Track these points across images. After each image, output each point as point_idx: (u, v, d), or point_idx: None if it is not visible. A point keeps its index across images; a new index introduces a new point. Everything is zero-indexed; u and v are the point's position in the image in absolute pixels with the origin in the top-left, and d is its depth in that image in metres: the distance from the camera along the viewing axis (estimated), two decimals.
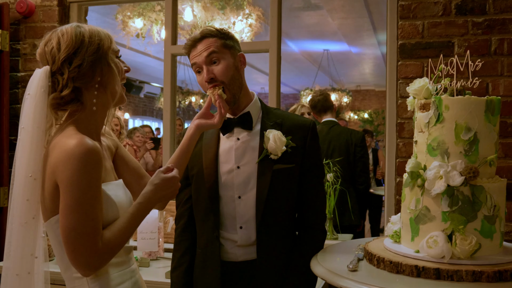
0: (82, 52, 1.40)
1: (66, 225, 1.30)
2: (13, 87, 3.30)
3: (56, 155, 1.34)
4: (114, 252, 1.36)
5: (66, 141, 1.34)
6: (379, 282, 1.43)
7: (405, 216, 1.65)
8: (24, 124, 1.40)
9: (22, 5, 3.21)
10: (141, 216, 1.44)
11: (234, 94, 1.79)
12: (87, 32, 1.42)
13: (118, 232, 1.37)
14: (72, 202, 1.30)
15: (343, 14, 7.11)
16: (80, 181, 1.30)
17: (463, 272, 1.43)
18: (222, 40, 1.78)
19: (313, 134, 1.87)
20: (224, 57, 1.76)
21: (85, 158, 1.31)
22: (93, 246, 1.30)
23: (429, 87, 1.63)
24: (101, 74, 1.43)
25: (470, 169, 1.51)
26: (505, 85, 2.53)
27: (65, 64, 1.39)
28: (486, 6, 2.56)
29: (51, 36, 1.44)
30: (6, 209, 3.13)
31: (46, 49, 1.42)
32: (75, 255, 1.31)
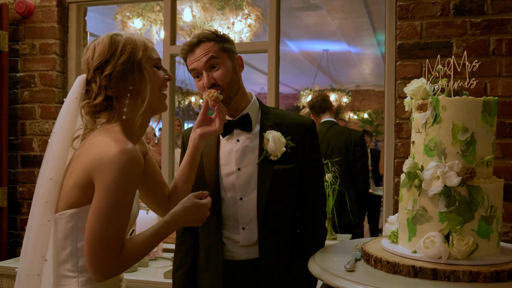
0: (114, 61, 1.42)
1: (94, 227, 1.30)
2: (12, 88, 3.31)
3: (99, 153, 1.34)
4: (131, 263, 1.37)
5: (111, 143, 1.35)
6: (376, 283, 1.44)
7: (402, 217, 1.65)
8: (56, 129, 1.45)
9: (21, 6, 3.22)
10: (165, 234, 1.45)
11: (230, 96, 1.79)
12: (121, 41, 1.44)
13: (139, 245, 1.38)
14: (105, 206, 1.30)
15: (343, 14, 7.11)
16: (119, 188, 1.31)
17: (460, 273, 1.44)
18: (220, 43, 1.77)
19: (312, 133, 1.88)
20: (223, 62, 1.76)
21: (129, 166, 1.32)
22: (114, 253, 1.31)
23: (427, 87, 1.63)
24: (133, 83, 1.45)
25: (467, 169, 1.51)
26: (503, 85, 2.53)
27: (97, 73, 1.43)
28: (484, 7, 2.57)
29: (90, 45, 1.47)
30: (5, 209, 3.15)
31: (84, 58, 1.47)
32: (94, 258, 1.31)
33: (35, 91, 3.29)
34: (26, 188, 3.30)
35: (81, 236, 1.37)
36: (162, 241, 1.47)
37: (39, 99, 3.28)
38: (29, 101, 3.30)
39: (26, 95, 3.30)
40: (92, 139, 1.42)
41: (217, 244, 1.83)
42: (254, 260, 1.82)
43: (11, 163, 3.30)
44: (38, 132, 3.29)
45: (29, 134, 3.31)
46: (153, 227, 1.44)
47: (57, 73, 3.28)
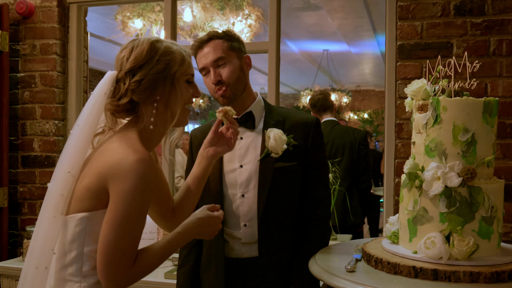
0: (147, 69, 1.41)
1: (108, 237, 1.29)
2: (13, 88, 3.31)
3: (116, 160, 1.32)
4: (144, 275, 1.35)
5: (129, 151, 1.33)
6: (376, 283, 1.44)
7: (403, 217, 1.66)
8: (79, 121, 1.42)
9: (21, 6, 3.22)
10: (177, 245, 1.43)
11: (236, 93, 1.83)
12: (161, 50, 1.43)
13: (153, 256, 1.37)
14: (121, 217, 1.29)
15: (343, 14, 7.11)
16: (136, 199, 1.29)
17: (461, 273, 1.44)
18: (229, 42, 1.82)
19: (316, 131, 1.88)
20: (230, 60, 1.81)
21: (146, 177, 1.30)
22: (127, 264, 1.30)
23: (427, 88, 1.64)
24: (163, 94, 1.43)
25: (468, 170, 1.51)
26: (504, 86, 2.54)
27: (128, 75, 1.41)
28: (485, 7, 2.57)
29: (129, 44, 1.45)
30: (6, 209, 3.16)
31: (119, 55, 1.45)
32: (107, 268, 1.29)
33: (35, 92, 3.29)
34: (26, 188, 3.30)
35: (88, 241, 1.35)
36: (174, 251, 1.45)
37: (40, 99, 3.28)
38: (30, 101, 3.30)
39: (27, 96, 3.30)
40: (108, 145, 1.39)
41: (219, 241, 1.84)
42: (256, 259, 1.83)
43: (11, 163, 3.30)
44: (38, 133, 3.29)
45: (29, 135, 3.31)
46: (165, 238, 1.42)
47: (57, 74, 3.28)
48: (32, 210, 3.30)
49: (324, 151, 1.94)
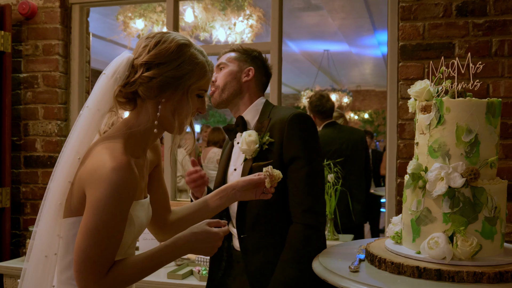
0: (164, 69, 1.34)
1: (80, 245, 1.24)
2: (15, 88, 3.32)
3: (93, 165, 1.28)
4: (121, 286, 1.29)
5: (107, 157, 1.26)
6: (380, 283, 1.44)
7: (406, 217, 1.66)
8: (90, 103, 1.35)
9: (24, 7, 3.23)
10: (164, 258, 1.33)
11: (224, 98, 1.95)
12: (186, 56, 1.36)
13: (130, 268, 1.29)
14: (91, 226, 1.23)
15: (344, 15, 7.12)
16: (106, 208, 1.23)
17: (464, 273, 1.44)
18: (238, 53, 1.99)
19: (291, 125, 1.84)
20: (229, 66, 1.96)
21: (119, 186, 1.24)
22: (98, 274, 1.24)
23: (430, 89, 1.64)
24: (169, 98, 1.36)
25: (471, 170, 1.52)
26: (506, 86, 2.54)
27: (143, 67, 1.34)
28: (486, 8, 2.57)
29: (157, 34, 1.38)
30: (8, 209, 3.16)
31: (142, 42, 1.37)
32: (79, 276, 1.25)
33: (38, 92, 3.30)
34: (29, 188, 3.31)
35: None
36: (161, 267, 1.35)
37: (42, 99, 3.29)
38: (32, 101, 3.31)
39: (29, 96, 3.31)
40: (92, 148, 1.34)
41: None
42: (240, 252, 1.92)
43: (14, 163, 3.31)
44: (41, 133, 3.29)
45: (32, 135, 3.32)
46: (150, 250, 1.34)
47: (60, 74, 3.29)
48: (35, 210, 3.31)
49: (305, 145, 1.85)
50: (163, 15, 4.75)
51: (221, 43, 5.40)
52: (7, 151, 3.19)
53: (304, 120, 1.88)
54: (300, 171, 1.83)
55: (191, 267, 2.70)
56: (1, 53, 3.15)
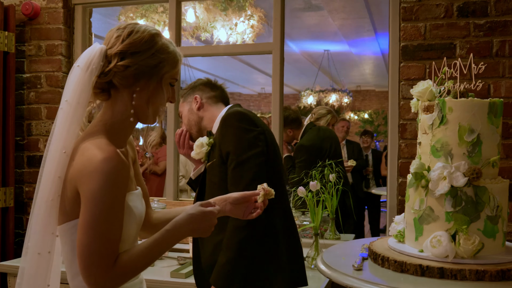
0: (138, 58, 1.36)
1: (82, 241, 1.25)
2: (18, 88, 3.33)
3: (82, 162, 1.28)
4: (128, 276, 1.30)
5: (95, 150, 1.28)
6: (384, 281, 1.46)
7: (409, 216, 1.68)
8: (68, 97, 1.33)
9: (27, 7, 3.24)
10: (166, 244, 1.35)
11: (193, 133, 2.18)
12: (158, 45, 1.39)
13: (136, 257, 1.30)
14: (90, 219, 1.24)
15: (344, 15, 7.13)
16: (103, 199, 1.24)
17: (467, 271, 1.46)
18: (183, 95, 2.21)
19: (223, 124, 1.99)
20: (182, 109, 2.21)
21: (112, 175, 1.25)
22: (106, 267, 1.25)
23: (433, 89, 1.66)
24: (143, 87, 1.38)
25: (474, 170, 1.54)
26: (507, 86, 2.56)
27: (117, 56, 1.35)
28: (487, 8, 2.59)
29: (129, 25, 1.39)
30: (12, 209, 3.18)
31: (116, 33, 1.37)
32: (86, 272, 1.25)
33: (41, 92, 3.31)
34: (32, 188, 3.32)
35: None
36: (164, 252, 1.37)
37: (45, 99, 3.31)
38: (35, 101, 3.32)
39: (32, 96, 3.33)
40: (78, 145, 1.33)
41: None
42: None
43: (17, 163, 3.32)
44: (44, 133, 3.31)
45: (35, 135, 3.33)
46: (152, 236, 1.35)
47: (63, 74, 3.30)
48: None
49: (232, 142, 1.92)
50: (164, 16, 4.76)
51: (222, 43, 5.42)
52: (10, 151, 3.21)
53: (234, 117, 1.97)
54: (230, 165, 1.92)
55: None
56: (5, 54, 3.17)
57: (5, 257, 3.16)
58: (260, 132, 1.96)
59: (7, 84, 3.19)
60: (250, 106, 15.81)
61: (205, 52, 3.94)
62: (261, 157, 1.92)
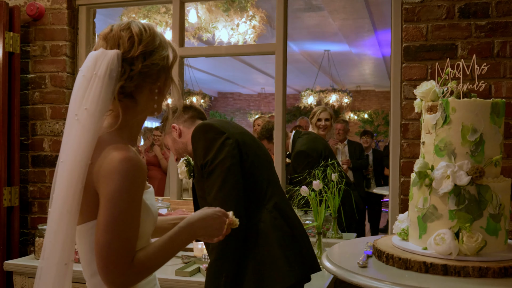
0: (158, 54, 1.37)
1: (101, 240, 1.26)
2: (23, 89, 3.36)
3: (100, 163, 1.29)
4: (145, 274, 1.32)
5: (112, 152, 1.29)
6: (389, 278, 1.49)
7: (413, 215, 1.71)
8: (88, 105, 1.30)
9: (32, 8, 3.27)
10: (180, 241, 1.38)
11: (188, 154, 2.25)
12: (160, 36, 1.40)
13: (152, 254, 1.33)
14: (110, 219, 1.26)
15: (344, 15, 7.16)
16: (122, 199, 1.26)
17: (470, 268, 1.49)
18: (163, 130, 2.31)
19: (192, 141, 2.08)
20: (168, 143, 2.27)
21: (130, 175, 1.27)
22: (124, 265, 1.27)
23: (436, 90, 1.69)
24: (162, 82, 1.41)
25: (476, 169, 1.57)
26: (508, 87, 2.59)
27: (140, 58, 1.34)
28: (489, 10, 2.62)
29: (130, 24, 1.38)
30: (17, 208, 3.20)
31: (123, 34, 1.35)
32: (105, 271, 1.27)
33: (45, 92, 3.34)
34: (36, 187, 3.35)
35: None
36: (179, 250, 1.39)
37: (50, 100, 3.33)
38: (40, 102, 3.35)
39: (37, 96, 3.35)
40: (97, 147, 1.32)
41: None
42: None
43: (22, 163, 3.35)
44: (48, 133, 3.34)
45: (39, 135, 3.36)
46: (167, 234, 1.37)
47: (67, 75, 3.33)
48: (42, 209, 3.35)
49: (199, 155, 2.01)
50: (167, 16, 4.79)
51: (224, 43, 5.45)
52: (16, 151, 3.23)
53: (199, 130, 2.07)
54: (204, 177, 2.02)
55: (198, 265, 2.74)
56: (10, 54, 3.19)
57: (10, 255, 3.19)
58: (226, 137, 1.99)
59: (12, 85, 3.22)
60: (250, 106, 15.84)
61: (208, 53, 3.95)
62: (228, 161, 1.96)
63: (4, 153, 3.16)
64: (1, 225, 3.14)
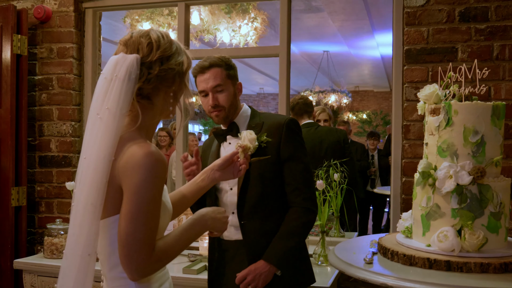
0: (174, 60, 1.47)
1: (125, 230, 1.35)
2: (30, 90, 3.41)
3: (125, 160, 1.38)
4: (165, 261, 1.43)
5: (135, 148, 1.39)
6: (394, 273, 1.56)
7: (416, 213, 1.77)
8: (110, 105, 1.40)
9: (39, 11, 3.32)
10: (194, 231, 1.51)
11: (229, 115, 2.13)
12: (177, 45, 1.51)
13: (171, 242, 1.43)
14: (134, 210, 1.35)
15: (344, 16, 7.22)
16: (146, 191, 1.35)
17: (472, 264, 1.56)
18: (227, 71, 2.11)
19: (288, 128, 2.10)
20: (227, 87, 2.11)
21: (154, 169, 1.36)
22: (147, 254, 1.35)
23: (439, 93, 1.76)
24: (177, 86, 1.51)
25: (478, 169, 1.63)
26: (507, 89, 2.66)
27: (158, 62, 1.45)
28: (488, 14, 2.69)
29: (149, 31, 1.48)
30: (25, 208, 3.26)
31: (142, 40, 1.46)
32: (128, 260, 1.35)
33: (52, 94, 3.40)
34: (43, 187, 3.41)
35: None
36: (194, 239, 1.52)
37: (57, 101, 3.39)
38: (47, 103, 3.40)
39: (44, 98, 3.41)
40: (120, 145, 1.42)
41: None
42: (241, 241, 2.10)
43: (29, 163, 3.40)
44: (55, 133, 3.39)
45: (47, 135, 3.41)
46: (182, 225, 1.50)
47: (74, 76, 3.38)
48: (49, 209, 3.41)
49: (300, 146, 2.12)
50: (170, 18, 4.85)
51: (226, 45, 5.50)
52: (23, 151, 3.29)
53: (297, 125, 2.16)
54: (298, 167, 2.10)
55: (205, 263, 2.80)
56: (18, 56, 3.25)
57: (18, 255, 3.24)
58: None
59: (20, 86, 3.27)
60: None
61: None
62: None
63: (12, 153, 3.22)
64: (9, 224, 3.19)
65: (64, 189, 3.31)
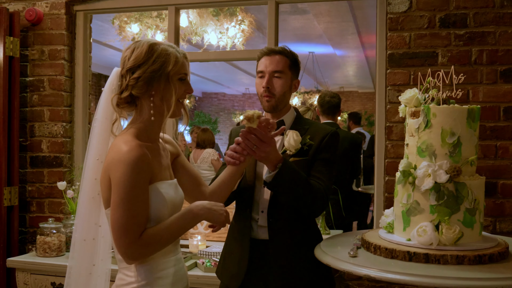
0: (144, 68, 1.63)
1: (113, 217, 1.54)
2: (22, 91, 3.46)
3: (112, 155, 1.58)
4: (154, 247, 1.58)
5: (121, 145, 1.57)
6: (377, 266, 1.66)
7: (397, 209, 1.88)
8: (98, 115, 1.68)
9: (31, 13, 3.37)
10: (185, 220, 1.63)
11: (278, 105, 2.12)
12: (158, 51, 1.64)
13: (159, 230, 1.58)
14: (118, 199, 1.53)
15: (329, 18, 7.35)
16: (126, 183, 1.52)
17: (448, 257, 1.67)
18: (291, 63, 2.13)
19: (331, 138, 2.11)
20: (285, 77, 2.12)
21: (133, 164, 1.53)
22: (132, 238, 1.52)
23: (419, 96, 1.87)
24: (158, 89, 1.65)
25: (454, 168, 1.75)
26: (484, 92, 2.79)
27: (129, 72, 1.64)
28: (467, 20, 2.82)
29: (131, 45, 1.68)
30: (17, 207, 3.32)
31: (123, 55, 1.67)
32: (116, 243, 1.55)
33: (44, 95, 3.45)
34: (35, 187, 3.46)
35: None
36: (186, 227, 1.63)
37: (48, 102, 3.44)
38: (38, 104, 3.46)
39: (35, 99, 3.46)
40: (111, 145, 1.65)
41: (246, 221, 2.11)
42: (267, 241, 2.07)
43: (20, 163, 3.45)
44: (47, 134, 3.45)
45: (38, 136, 3.46)
46: (176, 214, 1.63)
47: (65, 78, 3.44)
48: (41, 208, 3.46)
49: (333, 153, 2.12)
50: (158, 20, 4.92)
51: (213, 46, 5.58)
52: (15, 152, 3.34)
53: (338, 137, 2.16)
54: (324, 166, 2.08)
55: (195, 260, 2.89)
56: (10, 58, 3.30)
57: (10, 253, 3.29)
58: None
59: (12, 88, 3.32)
60: (234, 106, 15.98)
61: (201, 58, 4.04)
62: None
63: (5, 154, 3.27)
64: (1, 224, 3.24)
65: (55, 189, 3.36)
